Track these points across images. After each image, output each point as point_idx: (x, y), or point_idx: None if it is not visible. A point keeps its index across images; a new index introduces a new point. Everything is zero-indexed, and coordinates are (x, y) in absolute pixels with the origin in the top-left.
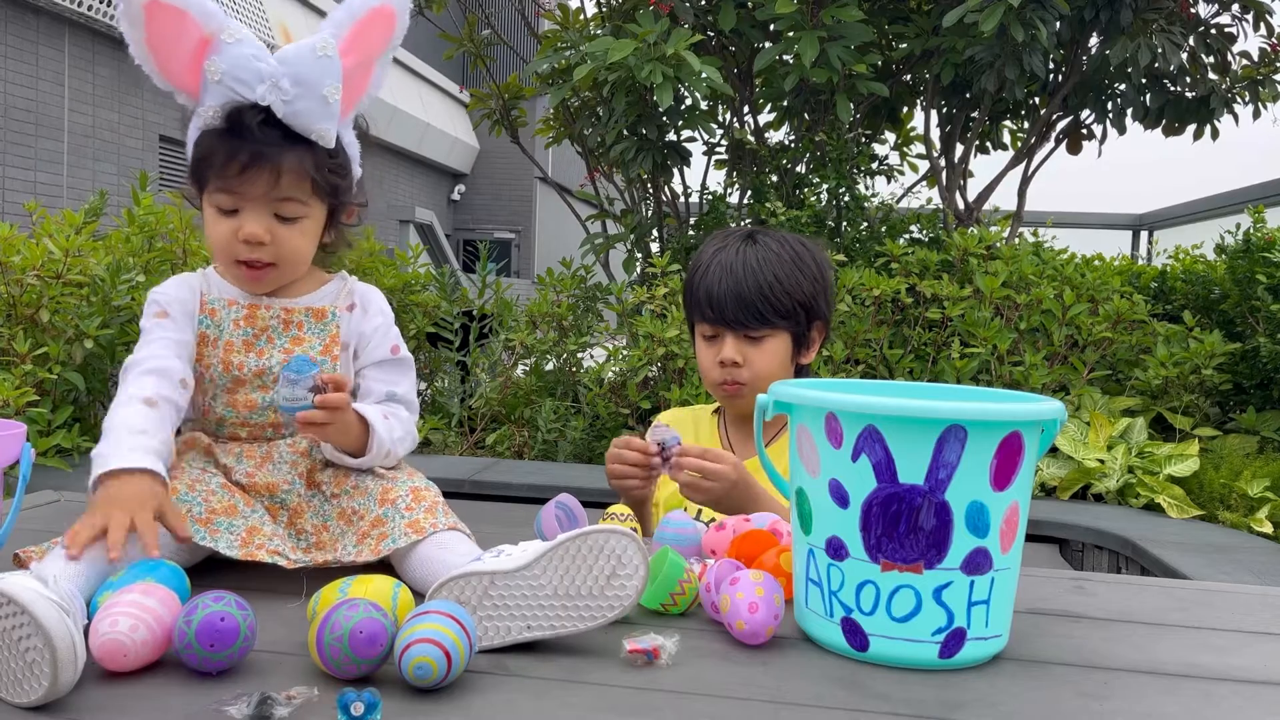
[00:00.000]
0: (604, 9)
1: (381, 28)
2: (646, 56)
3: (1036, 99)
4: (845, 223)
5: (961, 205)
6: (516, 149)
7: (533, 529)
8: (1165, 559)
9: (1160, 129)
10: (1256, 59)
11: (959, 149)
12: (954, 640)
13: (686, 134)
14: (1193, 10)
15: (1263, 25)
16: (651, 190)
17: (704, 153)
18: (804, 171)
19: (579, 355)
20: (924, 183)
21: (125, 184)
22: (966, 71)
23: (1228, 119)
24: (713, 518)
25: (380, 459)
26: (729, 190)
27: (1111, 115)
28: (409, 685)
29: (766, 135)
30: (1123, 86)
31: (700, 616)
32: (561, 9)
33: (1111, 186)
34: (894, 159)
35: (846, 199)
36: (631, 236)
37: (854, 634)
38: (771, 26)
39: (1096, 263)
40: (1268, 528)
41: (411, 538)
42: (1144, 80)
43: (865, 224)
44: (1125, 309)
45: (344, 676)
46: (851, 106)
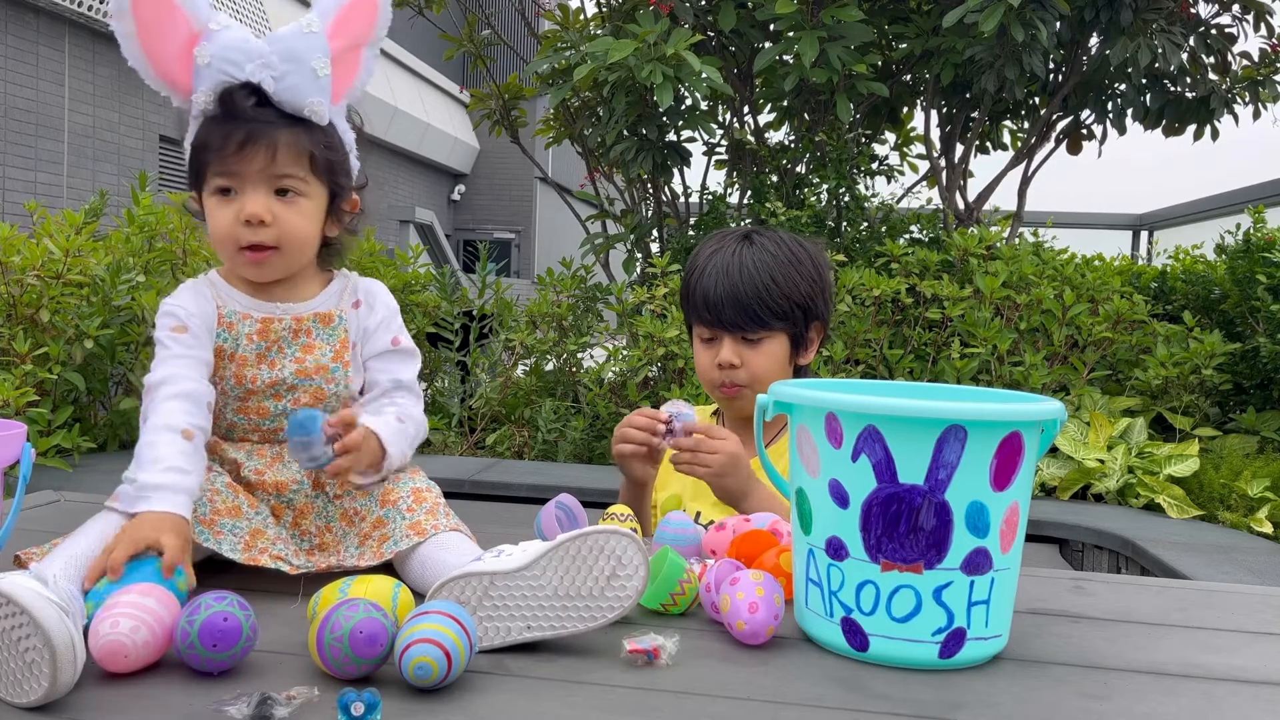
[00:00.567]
0: (604, 9)
1: (366, 12)
2: (646, 56)
3: (1036, 99)
4: (845, 223)
5: (961, 205)
6: (516, 149)
7: (533, 529)
8: (1165, 559)
9: (1160, 129)
10: (1256, 59)
11: (959, 149)
12: (954, 640)
13: (686, 134)
14: (1193, 10)
15: (1263, 25)
16: (651, 190)
17: (704, 153)
18: (804, 171)
19: (579, 355)
20: (924, 183)
21: (125, 184)
22: (966, 71)
23: (1228, 119)
24: (712, 519)
25: (396, 469)
26: (729, 190)
27: (1111, 115)
28: (409, 685)
29: (766, 135)
30: (1123, 86)
31: (700, 616)
32: (561, 9)
33: (1111, 186)
34: (894, 159)
35: (846, 199)
36: (631, 236)
37: (854, 634)
38: (771, 26)
39: (1096, 263)
40: (1268, 528)
41: (413, 539)
42: (1144, 80)
43: (865, 224)
44: (1125, 309)
45: (344, 676)
46: (851, 106)
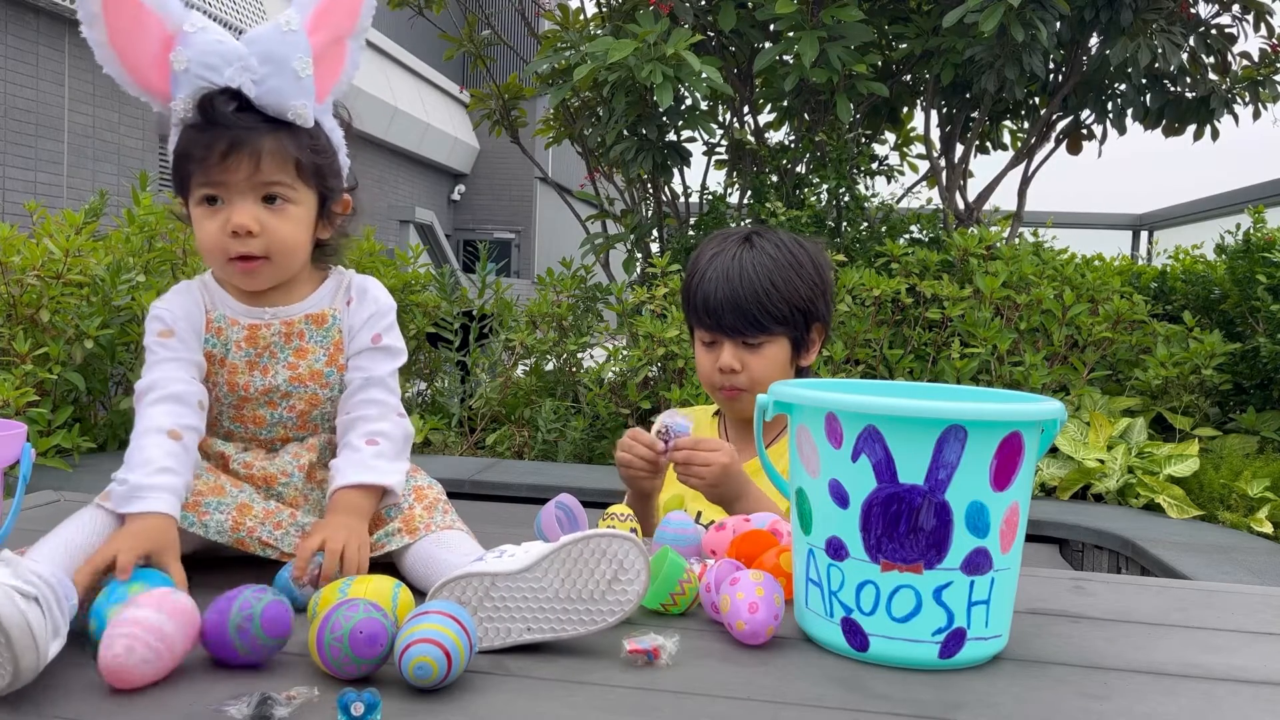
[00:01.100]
0: (604, 9)
1: (348, 2)
2: (646, 56)
3: (1036, 99)
4: (845, 223)
5: (961, 205)
6: (516, 149)
7: (533, 529)
8: (1165, 559)
9: (1160, 129)
10: (1256, 59)
11: (959, 149)
12: (954, 640)
13: (686, 134)
14: (1193, 10)
15: (1263, 25)
16: (651, 190)
17: (704, 153)
18: (804, 171)
19: (579, 355)
20: (924, 183)
21: (125, 184)
22: (966, 71)
23: (1228, 119)
24: (713, 519)
25: (401, 483)
26: (729, 190)
27: (1111, 115)
28: (409, 685)
29: (766, 135)
30: (1123, 86)
31: (700, 616)
32: (561, 9)
33: (1111, 186)
34: (894, 159)
35: (846, 199)
36: (631, 236)
37: (854, 634)
38: (771, 26)
39: (1096, 263)
40: (1268, 528)
41: (406, 540)
42: (1144, 80)
43: (865, 224)
44: (1125, 309)
45: (344, 676)
46: (851, 106)
